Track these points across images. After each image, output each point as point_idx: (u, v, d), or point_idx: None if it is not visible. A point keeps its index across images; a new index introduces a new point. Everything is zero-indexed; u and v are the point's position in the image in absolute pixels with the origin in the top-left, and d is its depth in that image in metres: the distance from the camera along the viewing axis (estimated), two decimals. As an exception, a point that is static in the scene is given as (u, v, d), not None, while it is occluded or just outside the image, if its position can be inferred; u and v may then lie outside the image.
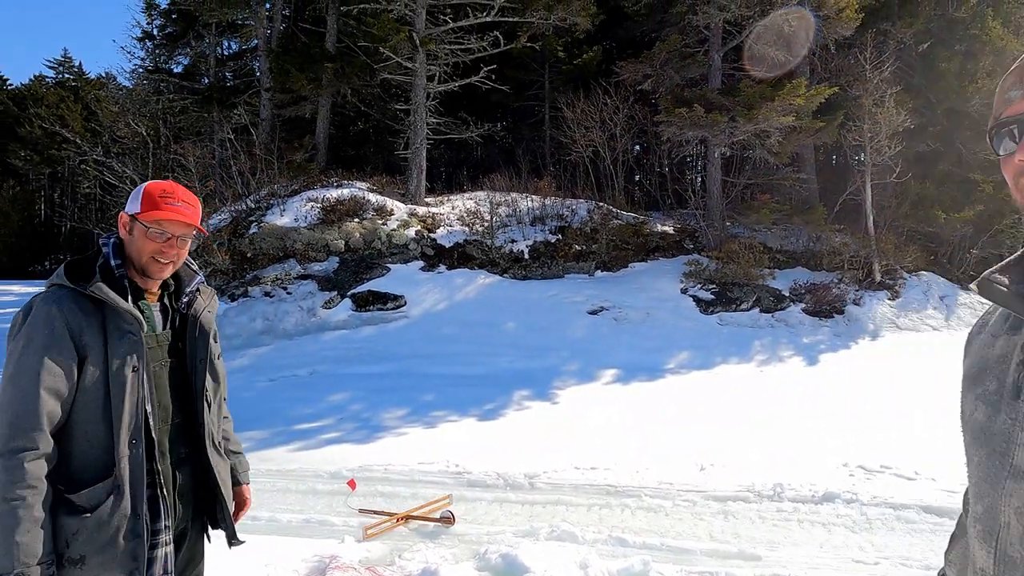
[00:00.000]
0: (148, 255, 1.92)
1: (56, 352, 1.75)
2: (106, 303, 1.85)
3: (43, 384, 1.72)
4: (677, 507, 5.13)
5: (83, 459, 1.80)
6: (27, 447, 1.69)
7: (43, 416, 1.72)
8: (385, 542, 4.43)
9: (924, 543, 4.44)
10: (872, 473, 5.80)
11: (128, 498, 1.82)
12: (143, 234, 1.91)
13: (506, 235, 13.33)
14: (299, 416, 7.96)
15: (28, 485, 1.67)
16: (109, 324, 1.85)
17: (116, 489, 1.81)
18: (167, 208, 1.91)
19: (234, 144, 14.13)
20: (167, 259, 1.95)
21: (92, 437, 1.81)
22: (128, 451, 1.83)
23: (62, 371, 1.76)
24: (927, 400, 8.52)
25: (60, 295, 1.82)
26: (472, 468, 5.98)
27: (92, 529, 1.77)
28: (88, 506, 1.78)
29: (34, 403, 1.71)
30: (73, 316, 1.80)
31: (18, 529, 1.65)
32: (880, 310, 12.68)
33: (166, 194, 1.93)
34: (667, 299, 12.36)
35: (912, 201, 14.22)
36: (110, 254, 1.94)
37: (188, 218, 1.94)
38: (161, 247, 1.92)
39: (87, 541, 1.77)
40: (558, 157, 17.71)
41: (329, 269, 12.16)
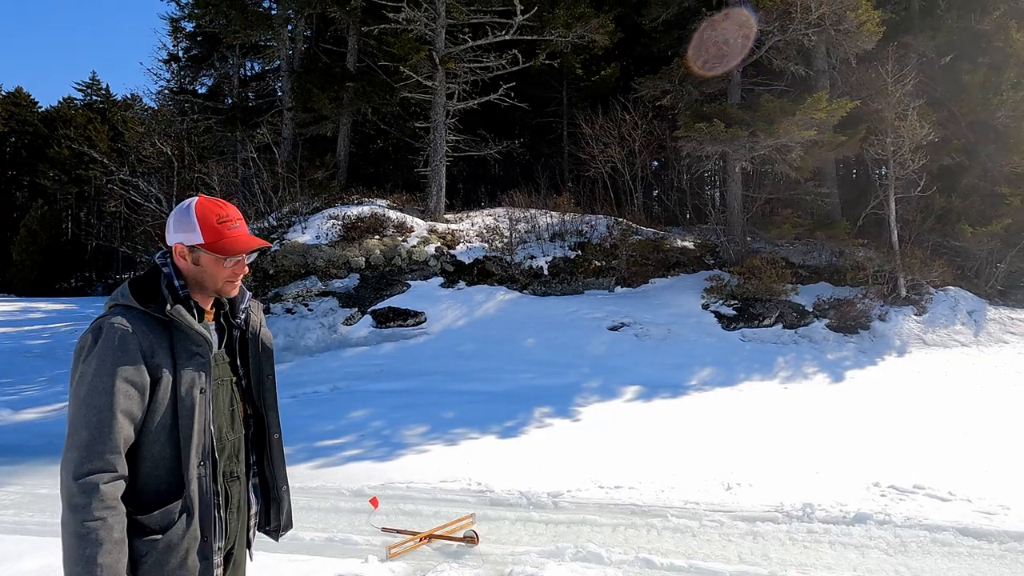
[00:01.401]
0: (223, 279, 1.93)
1: (131, 374, 1.75)
2: (175, 324, 1.85)
3: (118, 406, 1.72)
4: (704, 528, 5.03)
5: (150, 481, 1.80)
6: (104, 469, 1.69)
7: (119, 438, 1.72)
8: (409, 562, 4.39)
9: (963, 567, 4.31)
10: (905, 493, 5.65)
11: (197, 520, 1.82)
12: (214, 263, 1.91)
13: (525, 251, 13.33)
14: (320, 433, 7.97)
15: (107, 506, 1.68)
16: (177, 345, 1.85)
17: (187, 511, 1.81)
18: (233, 234, 1.92)
19: (257, 163, 14.34)
20: (239, 279, 1.98)
21: (159, 458, 1.81)
22: (197, 472, 1.83)
23: (137, 392, 1.76)
24: (958, 418, 8.34)
25: (131, 316, 1.82)
26: (495, 486, 5.93)
27: (162, 551, 1.77)
28: (159, 528, 1.78)
29: (110, 425, 1.71)
30: (145, 337, 1.80)
31: (100, 551, 1.64)
32: (906, 326, 12.46)
33: (224, 219, 1.92)
34: (688, 315, 12.25)
35: (937, 215, 14.01)
36: (172, 275, 1.93)
37: (254, 240, 1.95)
38: (234, 270, 1.94)
39: (156, 564, 1.77)
40: (577, 173, 17.74)
41: (350, 286, 12.23)
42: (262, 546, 4.57)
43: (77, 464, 1.69)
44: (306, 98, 15.64)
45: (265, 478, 2.12)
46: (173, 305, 1.84)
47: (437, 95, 14.30)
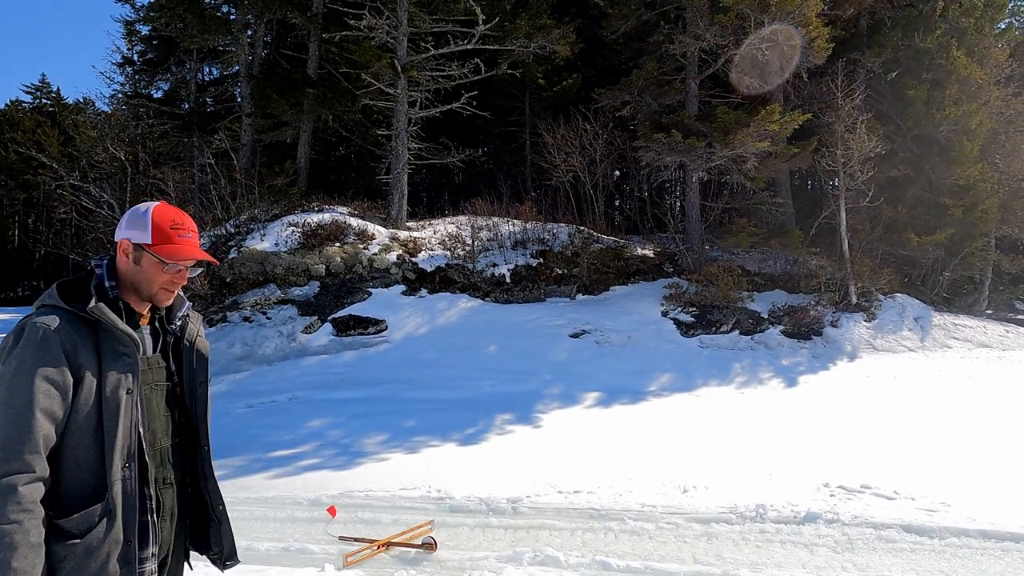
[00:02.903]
0: (159, 286, 1.91)
1: (52, 373, 1.72)
2: (101, 324, 1.82)
3: (39, 406, 1.68)
4: (660, 530, 5.11)
5: (73, 483, 1.76)
6: (22, 470, 1.65)
7: (39, 439, 1.68)
8: (366, 570, 4.36)
9: (905, 562, 4.47)
10: (853, 493, 5.84)
11: (120, 523, 1.78)
12: (155, 266, 1.89)
13: (487, 259, 13.36)
14: (278, 443, 7.83)
15: (24, 509, 1.63)
16: (103, 345, 1.81)
17: (108, 514, 1.76)
18: (181, 242, 1.90)
19: (214, 169, 14.09)
20: (176, 288, 1.96)
21: (83, 460, 1.76)
22: (122, 474, 1.79)
23: (58, 393, 1.72)
24: (904, 420, 8.64)
25: (54, 316, 1.79)
26: (454, 493, 5.92)
27: (81, 556, 1.72)
28: (78, 532, 1.73)
29: (29, 426, 1.67)
30: (68, 337, 1.76)
31: (15, 555, 1.60)
32: (857, 332, 12.87)
33: (177, 226, 1.91)
34: (648, 322, 12.43)
35: (885, 224, 14.53)
36: (104, 275, 1.91)
37: (199, 252, 1.94)
38: (173, 278, 1.92)
39: (75, 569, 1.72)
40: (539, 182, 17.88)
41: (310, 294, 12.08)
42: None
43: None
44: (266, 104, 15.44)
45: (199, 490, 2.06)
46: (96, 303, 1.81)
47: (399, 103, 14.28)
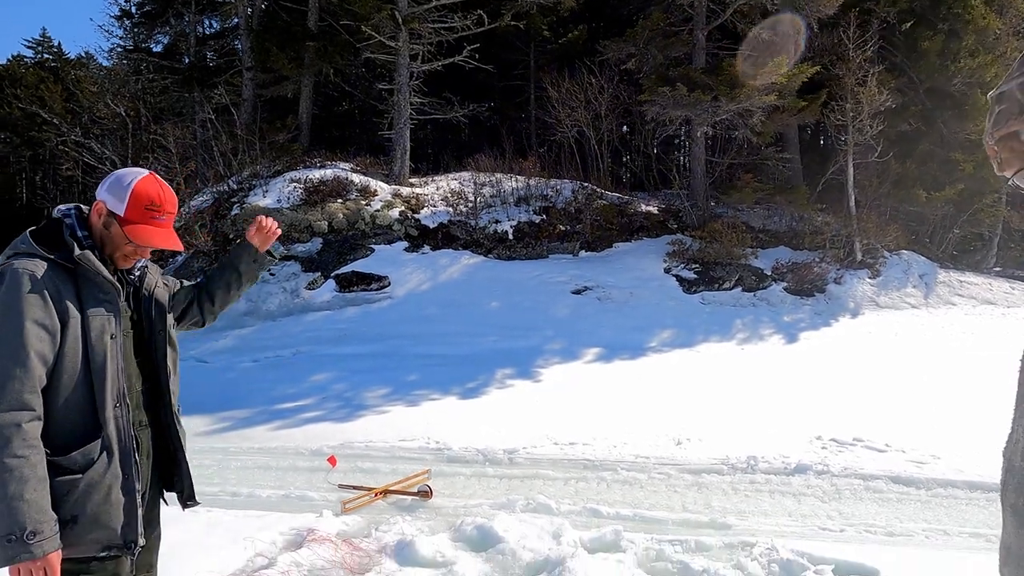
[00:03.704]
0: (122, 253, 1.96)
1: (40, 316, 1.77)
2: (81, 272, 1.87)
3: (32, 347, 1.74)
4: (652, 480, 5.22)
5: (66, 423, 1.83)
6: (23, 407, 1.72)
7: (35, 379, 1.74)
8: (363, 516, 4.49)
9: (890, 511, 4.56)
10: (844, 446, 5.91)
11: (118, 458, 1.87)
12: (121, 238, 1.93)
13: (490, 215, 13.32)
14: (281, 396, 7.99)
15: (29, 445, 1.70)
16: (84, 292, 1.87)
17: (107, 450, 1.85)
18: (153, 224, 1.93)
19: (215, 125, 13.98)
20: (137, 259, 2.01)
21: (73, 402, 1.83)
22: (114, 413, 1.87)
23: (47, 335, 1.78)
24: (903, 375, 8.68)
25: (36, 261, 1.83)
26: (452, 444, 6.05)
27: (84, 490, 1.81)
28: (78, 468, 1.81)
29: (24, 366, 1.73)
30: (50, 283, 1.81)
31: (26, 487, 1.68)
32: (860, 288, 12.83)
33: (153, 207, 1.93)
34: (651, 279, 12.43)
35: (893, 180, 14.32)
36: (75, 226, 1.94)
37: (167, 241, 1.96)
38: (137, 250, 1.97)
39: (78, 502, 1.81)
40: (543, 137, 17.66)
41: (312, 250, 12.12)
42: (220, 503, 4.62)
43: None
44: (265, 58, 15.21)
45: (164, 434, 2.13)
46: (82, 252, 1.85)
47: (400, 56, 14.04)
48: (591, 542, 3.88)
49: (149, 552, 2.17)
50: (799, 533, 4.17)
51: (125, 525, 1.87)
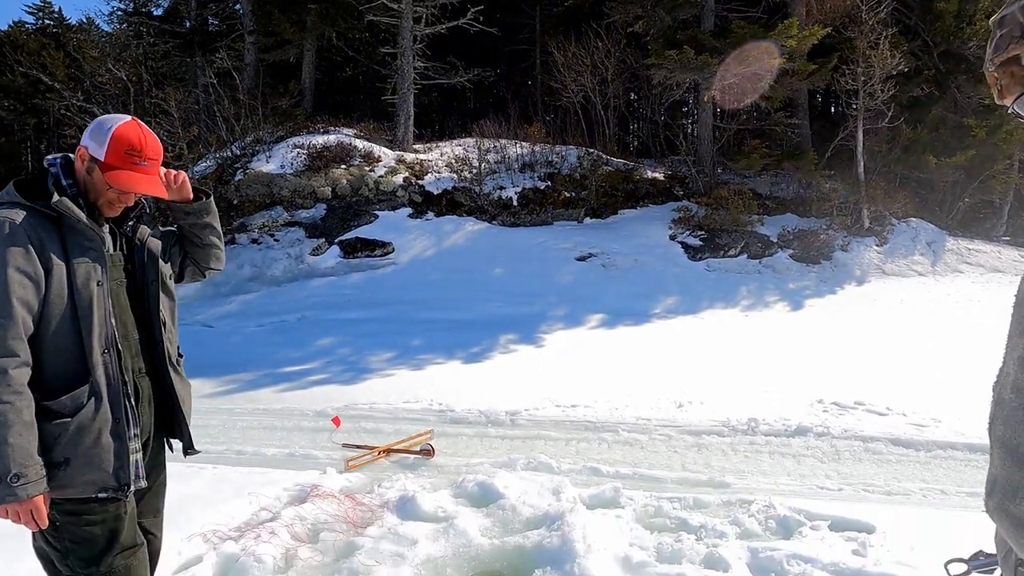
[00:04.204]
0: (104, 199, 1.95)
1: (23, 264, 1.78)
2: (64, 220, 1.87)
3: (14, 295, 1.75)
4: (653, 441, 5.26)
5: (55, 369, 1.85)
6: (8, 354, 1.74)
7: (19, 326, 1.76)
8: (366, 473, 4.55)
9: (888, 472, 4.59)
10: (845, 409, 5.94)
11: (107, 404, 1.89)
12: (101, 182, 1.92)
13: (495, 182, 13.23)
14: (287, 359, 8.05)
15: (15, 391, 1.73)
16: (69, 240, 1.88)
17: (95, 395, 1.87)
18: (132, 170, 1.91)
19: (217, 90, 13.86)
20: (121, 206, 1.99)
21: (62, 348, 1.85)
22: (102, 359, 1.89)
23: (31, 283, 1.79)
24: (908, 342, 8.67)
25: (17, 210, 1.83)
26: (455, 406, 6.10)
27: (74, 433, 1.84)
28: (67, 412, 1.84)
29: (8, 313, 1.75)
30: (33, 231, 1.82)
31: (11, 432, 1.71)
32: (867, 256, 12.74)
33: (134, 152, 1.90)
34: (656, 246, 12.37)
35: (904, 146, 14.11)
36: (60, 174, 1.94)
37: (146, 186, 1.93)
38: (120, 197, 1.96)
39: (69, 444, 1.84)
40: (548, 103, 17.45)
41: (316, 216, 12.10)
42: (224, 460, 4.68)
43: None
44: (267, 21, 15.00)
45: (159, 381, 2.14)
46: (60, 198, 1.85)
47: (404, 18, 13.81)
48: (590, 499, 3.93)
49: (155, 497, 2.22)
50: (797, 492, 4.21)
51: (118, 468, 1.90)
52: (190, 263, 2.31)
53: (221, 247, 2.35)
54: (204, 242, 2.27)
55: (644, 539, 3.45)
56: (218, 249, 2.33)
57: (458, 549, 3.36)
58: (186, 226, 2.22)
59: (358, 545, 3.37)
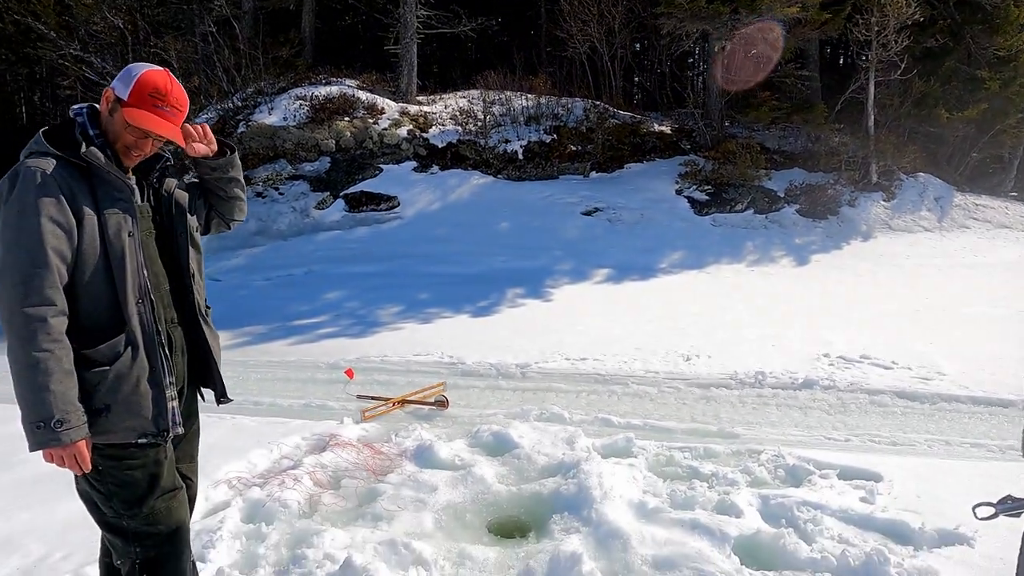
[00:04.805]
0: (123, 145, 1.94)
1: (55, 213, 1.79)
2: (94, 170, 1.87)
3: (48, 244, 1.77)
4: (662, 393, 5.35)
5: (91, 318, 1.87)
6: (46, 303, 1.76)
7: (55, 275, 1.78)
8: (382, 424, 4.64)
9: (894, 423, 4.68)
10: (852, 363, 6.01)
11: (143, 351, 1.92)
12: (123, 126, 1.91)
13: (500, 135, 13.07)
14: (296, 313, 8.11)
15: (54, 339, 1.76)
16: (99, 191, 1.88)
17: (131, 344, 1.90)
18: (153, 112, 1.89)
19: (217, 39, 13.54)
20: (140, 154, 1.97)
21: (97, 298, 1.87)
22: (137, 309, 1.91)
23: (64, 233, 1.80)
24: (913, 297, 8.72)
25: (48, 159, 1.83)
26: (466, 359, 6.17)
27: (112, 381, 1.88)
28: (106, 360, 1.87)
29: (44, 263, 1.76)
30: (64, 182, 1.82)
31: (52, 379, 1.74)
32: (874, 211, 12.69)
33: (158, 95, 1.89)
34: (662, 200, 12.31)
35: (915, 99, 13.88)
36: (87, 123, 1.93)
37: (162, 127, 1.92)
38: (138, 142, 1.94)
39: (109, 392, 1.88)
40: (554, 53, 17.07)
41: (321, 169, 12.00)
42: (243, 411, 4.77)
43: (20, 299, 1.74)
44: (265, -34, 14.56)
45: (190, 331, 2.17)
46: (89, 148, 1.84)
47: (406, -36, 13.42)
48: (604, 448, 4.02)
49: (190, 443, 2.28)
50: (805, 442, 4.30)
51: (156, 415, 1.95)
52: (215, 215, 2.32)
53: (244, 199, 2.36)
54: (229, 195, 2.27)
55: (657, 486, 3.55)
56: (242, 201, 2.34)
57: (477, 495, 3.46)
58: (211, 180, 2.22)
59: (380, 491, 3.47)
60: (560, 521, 3.17)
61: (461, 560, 2.84)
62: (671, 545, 2.91)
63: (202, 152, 2.12)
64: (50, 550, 2.91)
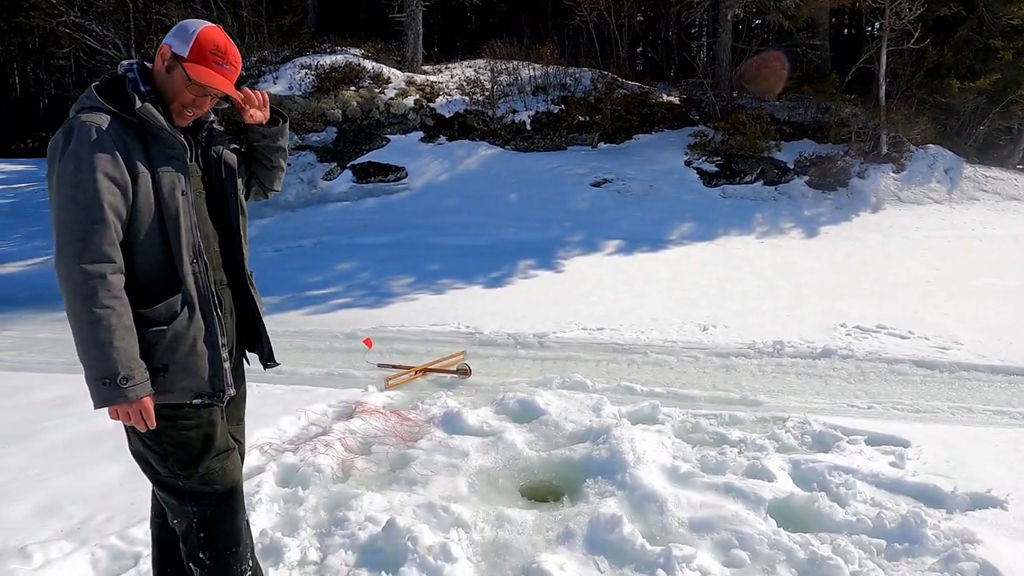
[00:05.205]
0: (179, 102, 1.90)
1: (111, 170, 1.76)
2: (147, 127, 1.84)
3: (105, 200, 1.74)
4: (681, 362, 5.37)
5: (147, 277, 1.86)
6: (105, 259, 1.73)
7: (112, 232, 1.75)
8: (406, 391, 4.67)
9: (916, 391, 4.70)
10: (868, 332, 6.02)
11: (199, 311, 1.91)
12: (182, 81, 1.87)
13: (507, 105, 12.93)
14: (309, 283, 8.10)
15: (114, 296, 1.74)
16: (152, 149, 1.85)
17: (188, 304, 1.88)
18: (217, 71, 1.87)
19: (219, 6, 13.31)
20: (196, 113, 1.94)
21: (152, 257, 1.85)
22: (192, 268, 1.89)
23: (119, 189, 1.77)
24: (923, 268, 8.72)
25: (102, 115, 1.80)
26: (483, 328, 6.18)
27: (170, 340, 1.86)
28: (163, 319, 1.85)
29: (101, 219, 1.73)
30: (118, 138, 1.79)
31: (114, 336, 1.72)
32: (884, 183, 12.62)
33: (218, 53, 1.87)
34: (671, 171, 12.24)
35: (927, 69, 13.72)
36: (138, 80, 1.89)
37: (225, 84, 1.89)
38: (196, 101, 1.90)
39: (167, 351, 1.86)
40: (560, 22, 16.82)
41: (327, 140, 11.89)
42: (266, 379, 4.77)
43: (79, 256, 1.72)
44: (267, -69, 14.25)
45: (240, 297, 2.16)
46: (143, 104, 1.81)
47: (411, -71, 13.15)
48: (630, 415, 4.04)
49: (238, 406, 2.28)
50: (828, 410, 4.33)
51: (212, 375, 1.94)
52: (256, 183, 2.30)
53: (284, 169, 2.34)
54: (273, 164, 2.26)
55: (687, 452, 3.58)
56: (282, 171, 2.33)
57: (508, 461, 3.48)
58: (260, 147, 2.19)
59: (412, 456, 3.50)
60: (594, 485, 3.19)
61: (499, 523, 2.87)
62: (707, 508, 2.94)
63: (258, 119, 2.10)
64: (91, 513, 2.94)
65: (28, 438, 3.76)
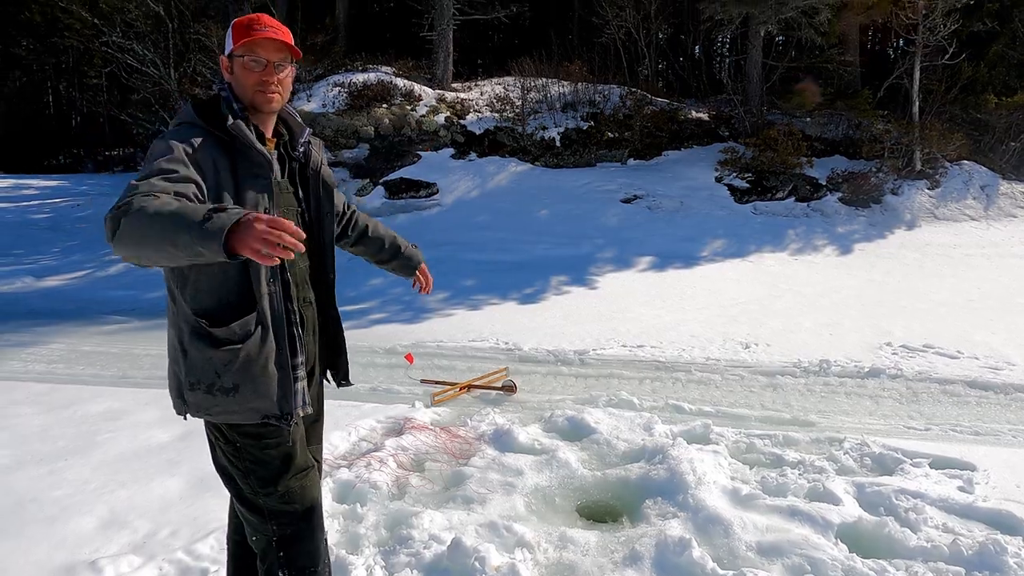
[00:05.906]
0: (252, 87, 1.91)
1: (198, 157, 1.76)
2: (237, 144, 1.85)
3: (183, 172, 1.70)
4: (727, 380, 5.30)
5: (223, 297, 1.85)
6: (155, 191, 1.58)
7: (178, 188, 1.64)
8: (452, 408, 4.65)
9: (971, 413, 4.59)
10: (915, 352, 5.91)
11: (272, 334, 1.89)
12: (242, 67, 1.90)
13: (537, 122, 12.99)
14: (343, 299, 8.04)
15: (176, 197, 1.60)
16: (240, 166, 1.86)
17: (262, 324, 1.87)
18: (256, 33, 1.89)
19: (253, 25, 13.55)
20: (271, 89, 1.92)
21: (228, 277, 1.85)
22: (268, 290, 1.88)
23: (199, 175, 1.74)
24: (965, 287, 8.56)
25: (191, 132, 1.82)
26: (523, 345, 6.16)
27: (243, 361, 1.84)
28: (237, 339, 1.84)
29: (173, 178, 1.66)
30: (207, 152, 1.80)
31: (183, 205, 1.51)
32: (918, 199, 12.45)
33: (252, 22, 1.92)
34: (701, 188, 12.18)
35: (962, 85, 13.56)
36: (230, 97, 1.93)
37: (279, 36, 1.90)
38: (261, 76, 1.90)
39: (238, 372, 1.85)
40: (588, 39, 16.91)
41: (360, 156, 12.02)
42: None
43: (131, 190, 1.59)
44: (301, -47, 14.54)
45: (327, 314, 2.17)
46: (234, 121, 1.84)
47: (442, -50, 13.34)
48: (683, 434, 3.98)
49: (319, 425, 2.28)
50: (884, 431, 4.24)
51: (281, 397, 1.91)
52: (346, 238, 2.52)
53: None
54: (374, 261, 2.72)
55: (745, 473, 3.52)
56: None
57: (563, 480, 3.45)
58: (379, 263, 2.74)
59: (466, 474, 3.47)
60: (654, 506, 3.15)
61: (563, 543, 2.84)
62: (773, 532, 2.88)
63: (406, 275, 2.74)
64: (155, 527, 2.95)
65: (86, 451, 3.81)
